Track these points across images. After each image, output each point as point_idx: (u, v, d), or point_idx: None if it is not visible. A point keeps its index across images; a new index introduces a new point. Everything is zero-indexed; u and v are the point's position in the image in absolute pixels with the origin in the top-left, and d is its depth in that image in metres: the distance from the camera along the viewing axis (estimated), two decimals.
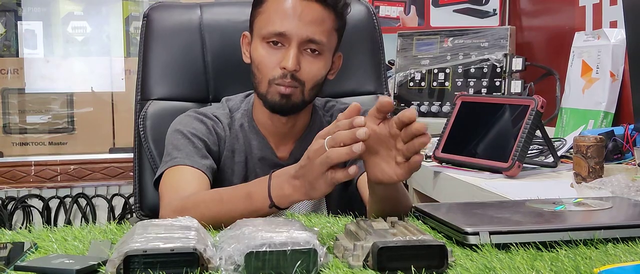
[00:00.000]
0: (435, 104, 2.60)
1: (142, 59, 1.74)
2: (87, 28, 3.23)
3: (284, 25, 1.39)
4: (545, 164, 1.70)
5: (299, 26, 1.39)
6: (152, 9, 1.77)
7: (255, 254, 0.82)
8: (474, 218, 1.07)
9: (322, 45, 1.42)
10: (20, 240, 1.01)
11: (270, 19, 1.41)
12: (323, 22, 1.41)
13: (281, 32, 1.40)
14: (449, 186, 1.66)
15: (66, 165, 2.95)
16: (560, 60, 2.37)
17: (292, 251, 0.82)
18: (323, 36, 1.41)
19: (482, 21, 2.96)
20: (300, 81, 1.41)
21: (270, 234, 0.85)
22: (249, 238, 0.85)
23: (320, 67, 1.44)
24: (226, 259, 0.83)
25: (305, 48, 1.41)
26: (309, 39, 1.40)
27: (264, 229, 0.89)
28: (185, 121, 1.51)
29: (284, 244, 0.83)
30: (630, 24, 1.76)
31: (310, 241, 0.84)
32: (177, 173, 1.40)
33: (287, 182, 1.07)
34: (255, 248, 0.82)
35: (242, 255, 0.82)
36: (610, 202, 1.15)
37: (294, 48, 1.39)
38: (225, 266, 0.83)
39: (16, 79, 3.11)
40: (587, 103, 2.08)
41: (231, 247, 0.83)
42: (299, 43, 1.39)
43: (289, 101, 1.42)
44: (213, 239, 0.92)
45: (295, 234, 0.86)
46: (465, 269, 0.85)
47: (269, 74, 1.42)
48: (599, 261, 0.87)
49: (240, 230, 0.89)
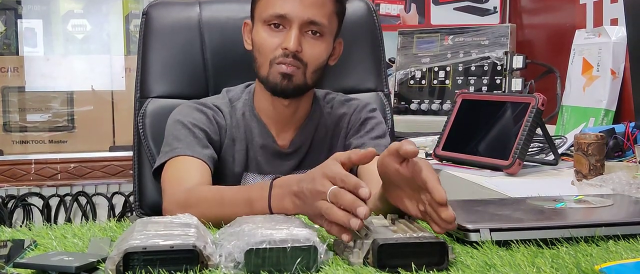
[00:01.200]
0: (435, 102, 2.60)
1: (141, 57, 1.74)
2: (87, 26, 3.23)
3: (285, 8, 1.41)
4: (546, 162, 1.70)
5: (300, 8, 1.41)
6: (152, 7, 1.77)
7: (255, 251, 0.82)
8: (475, 215, 1.07)
9: (323, 27, 1.44)
10: (20, 238, 1.01)
11: (270, 2, 1.44)
12: (324, 5, 1.44)
13: (282, 14, 1.41)
14: (450, 184, 1.66)
15: (66, 163, 2.95)
16: (561, 58, 2.37)
17: (292, 248, 0.82)
18: (324, 18, 1.43)
19: (483, 19, 2.95)
20: (303, 62, 1.43)
21: (270, 231, 0.85)
22: (248, 235, 0.85)
23: (322, 49, 1.46)
24: (226, 256, 0.83)
25: (307, 30, 1.43)
26: (310, 20, 1.42)
27: (264, 226, 0.89)
28: (186, 111, 1.52)
29: (283, 241, 0.82)
30: (631, 21, 1.76)
31: (310, 238, 0.84)
32: (179, 164, 1.41)
33: (288, 196, 1.02)
34: (255, 245, 0.82)
35: (242, 252, 0.81)
36: (611, 200, 1.15)
37: (295, 29, 1.41)
38: (226, 263, 0.82)
39: (16, 78, 3.11)
40: (588, 101, 2.08)
41: (231, 244, 0.83)
42: (300, 25, 1.41)
43: (290, 81, 1.43)
44: (213, 237, 0.92)
45: (295, 231, 0.85)
46: (466, 266, 0.85)
47: (270, 55, 1.43)
48: (600, 258, 0.87)
49: (240, 227, 0.89)
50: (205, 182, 1.39)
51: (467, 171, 1.62)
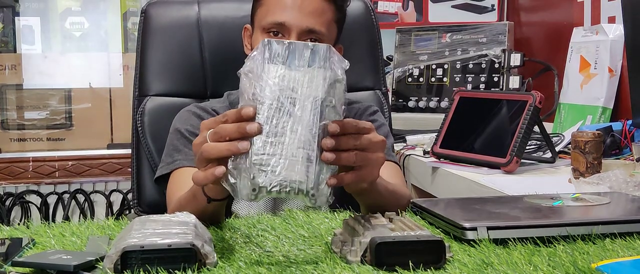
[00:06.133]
0: (433, 99, 2.60)
1: (139, 55, 1.75)
2: (85, 24, 3.23)
3: (284, 16, 1.42)
4: (543, 160, 1.70)
5: (299, 17, 1.41)
6: (150, 5, 1.77)
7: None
8: (472, 213, 1.07)
9: (322, 35, 1.44)
10: (18, 236, 1.01)
11: (270, 10, 1.44)
12: (323, 13, 1.44)
13: (281, 22, 1.42)
14: (447, 182, 1.67)
15: (64, 161, 2.94)
16: (559, 56, 2.37)
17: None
18: (323, 27, 1.44)
19: (481, 17, 2.95)
20: None
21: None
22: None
23: None
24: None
25: (306, 39, 1.42)
26: (309, 29, 1.42)
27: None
28: (184, 118, 1.53)
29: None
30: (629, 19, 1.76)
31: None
32: (180, 176, 1.42)
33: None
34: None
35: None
36: (608, 198, 1.15)
37: (293, 37, 1.41)
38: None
39: (14, 75, 3.11)
40: (585, 99, 2.08)
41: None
42: (298, 33, 1.42)
43: None
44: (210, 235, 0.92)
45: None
46: (463, 264, 0.85)
47: None
48: (597, 256, 0.87)
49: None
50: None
51: (464, 169, 1.63)
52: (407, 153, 1.99)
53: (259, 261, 0.87)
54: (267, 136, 0.84)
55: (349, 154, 0.89)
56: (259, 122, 0.84)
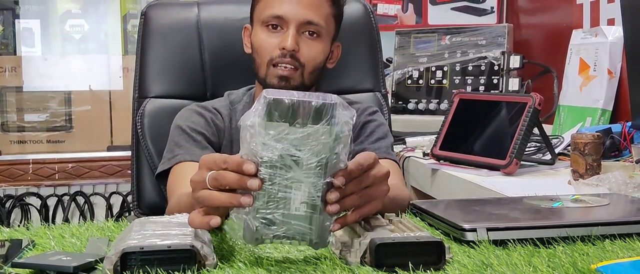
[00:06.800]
0: (433, 101, 2.60)
1: (139, 57, 1.75)
2: (84, 26, 3.23)
3: (282, 8, 1.46)
4: (542, 162, 1.71)
5: (297, 9, 1.46)
6: (150, 7, 1.77)
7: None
8: (472, 214, 1.08)
9: (320, 27, 1.48)
10: (18, 237, 1.01)
11: (268, 4, 1.48)
12: (320, 6, 1.48)
13: (279, 15, 1.46)
14: (447, 183, 1.67)
15: (64, 163, 2.94)
16: (558, 58, 2.37)
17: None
18: (321, 19, 1.48)
19: (480, 19, 2.95)
20: (300, 63, 1.47)
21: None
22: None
23: (319, 49, 1.49)
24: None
25: (304, 31, 1.47)
26: (307, 20, 1.46)
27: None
28: (185, 115, 1.54)
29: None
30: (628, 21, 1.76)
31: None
32: (181, 171, 1.43)
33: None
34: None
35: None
36: (608, 199, 1.15)
37: (292, 29, 1.45)
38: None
39: (14, 77, 3.11)
40: (585, 100, 2.08)
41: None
42: (297, 25, 1.46)
43: (288, 83, 1.46)
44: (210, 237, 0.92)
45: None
46: (463, 265, 0.85)
47: (268, 55, 1.47)
48: (596, 258, 0.87)
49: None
50: None
51: (464, 171, 1.63)
52: (407, 155, 1.99)
53: (259, 262, 0.87)
54: (269, 196, 0.82)
55: (353, 198, 0.86)
56: (261, 178, 0.81)
